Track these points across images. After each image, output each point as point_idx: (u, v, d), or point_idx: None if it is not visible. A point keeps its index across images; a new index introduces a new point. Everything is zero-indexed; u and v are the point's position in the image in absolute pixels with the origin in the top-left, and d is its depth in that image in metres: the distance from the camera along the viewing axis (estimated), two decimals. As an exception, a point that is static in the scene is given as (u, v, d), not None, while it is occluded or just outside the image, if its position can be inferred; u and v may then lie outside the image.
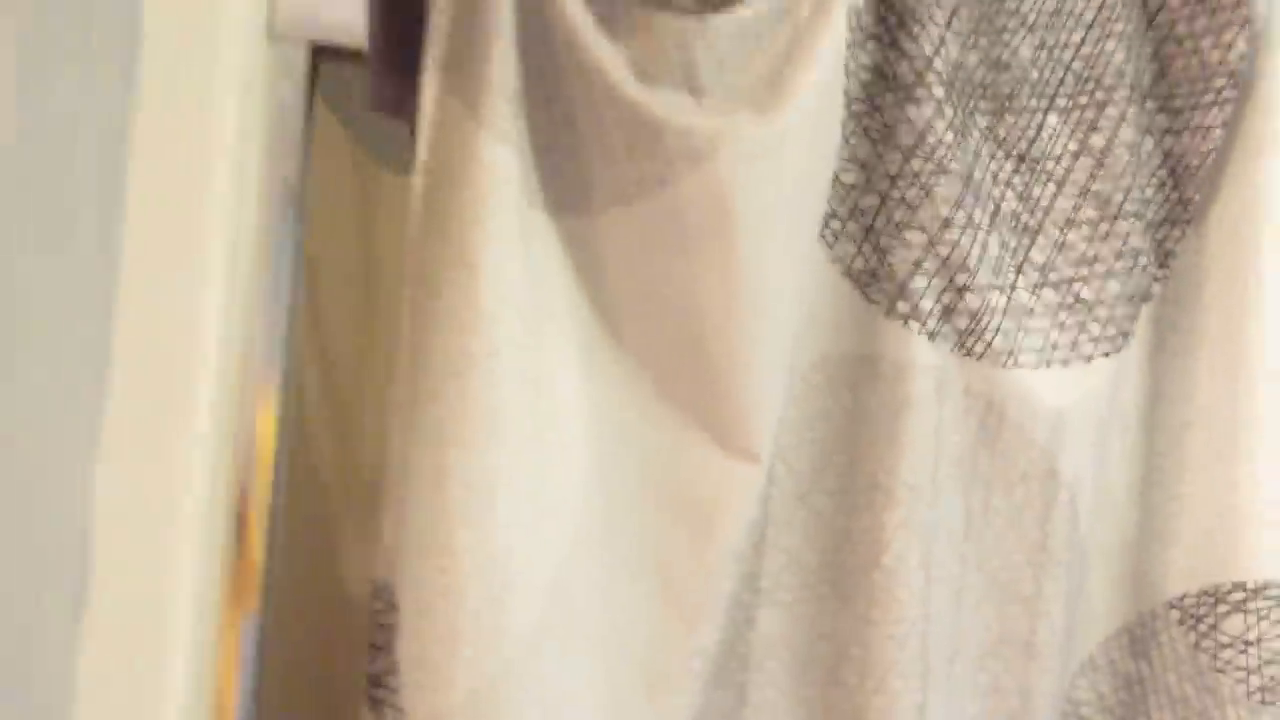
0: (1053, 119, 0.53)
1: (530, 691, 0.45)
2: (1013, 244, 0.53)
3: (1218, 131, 0.53)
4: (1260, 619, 0.52)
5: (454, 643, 0.44)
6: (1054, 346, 0.53)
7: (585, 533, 0.48)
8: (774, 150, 0.46)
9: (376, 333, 0.76)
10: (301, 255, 0.57)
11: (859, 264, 0.51)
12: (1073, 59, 0.53)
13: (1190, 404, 0.54)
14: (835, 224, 0.51)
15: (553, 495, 0.47)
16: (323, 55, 0.55)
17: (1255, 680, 0.51)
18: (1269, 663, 0.51)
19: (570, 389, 0.49)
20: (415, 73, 0.48)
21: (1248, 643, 0.51)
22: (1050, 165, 0.53)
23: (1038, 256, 0.53)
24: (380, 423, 0.59)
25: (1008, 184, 0.53)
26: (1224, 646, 0.52)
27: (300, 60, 0.53)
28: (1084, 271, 0.53)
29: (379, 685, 0.47)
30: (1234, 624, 0.52)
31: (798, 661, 0.52)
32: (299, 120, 0.54)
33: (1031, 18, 0.53)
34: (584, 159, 0.48)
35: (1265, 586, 0.51)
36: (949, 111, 0.50)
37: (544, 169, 0.48)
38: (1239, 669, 0.52)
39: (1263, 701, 0.51)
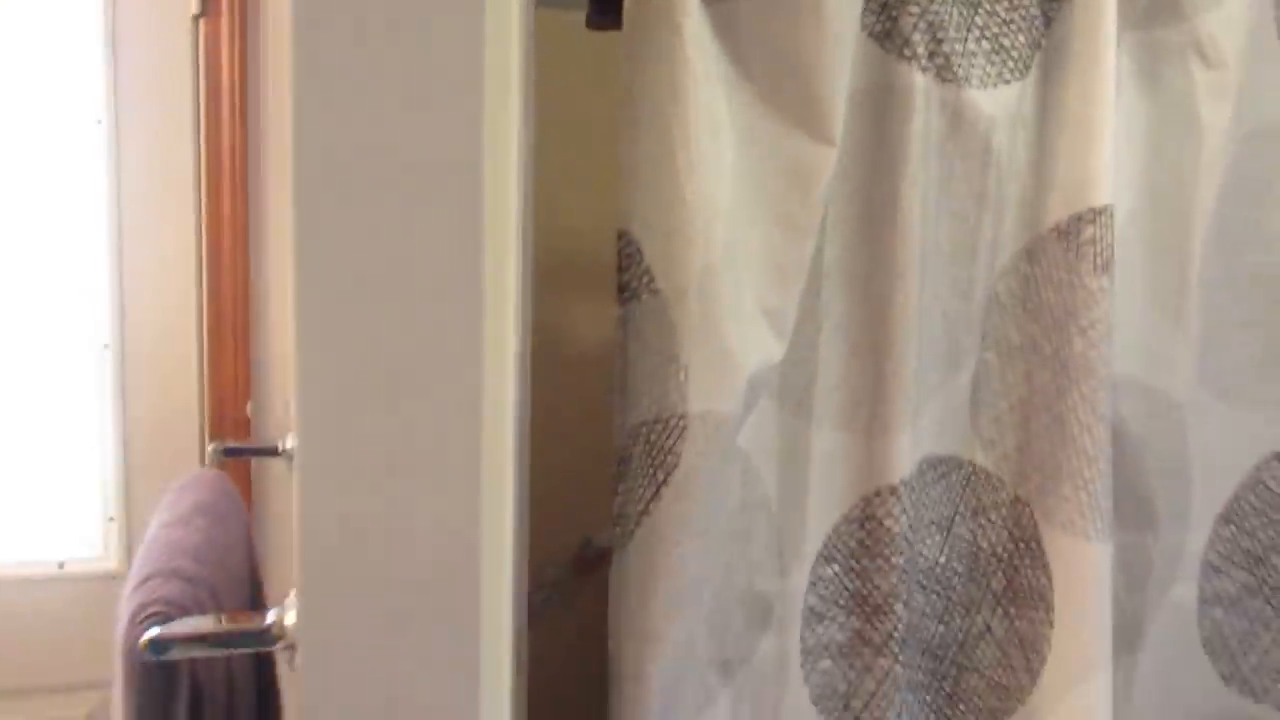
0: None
1: (727, 278, 0.80)
2: (963, 15, 0.89)
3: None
4: (1103, 228, 0.91)
5: (687, 251, 0.78)
6: (987, 75, 0.90)
7: (735, 188, 0.83)
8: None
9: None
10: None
11: (879, 28, 0.86)
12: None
13: (1064, 109, 0.92)
14: (867, 4, 0.85)
15: (720, 170, 0.81)
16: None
17: (1099, 260, 0.91)
18: (1108, 248, 0.90)
19: (720, 108, 0.82)
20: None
21: (1096, 240, 0.91)
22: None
23: (978, 20, 0.89)
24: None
25: (959, -23, 0.89)
26: (1082, 244, 0.91)
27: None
28: (1003, 29, 0.90)
29: (626, 289, 0.81)
30: (1088, 231, 0.91)
31: (848, 278, 0.89)
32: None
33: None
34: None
35: (1105, 209, 0.91)
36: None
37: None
38: (1090, 256, 0.91)
39: (1104, 269, 0.91)
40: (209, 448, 1.20)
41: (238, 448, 1.25)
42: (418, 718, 0.70)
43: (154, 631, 0.66)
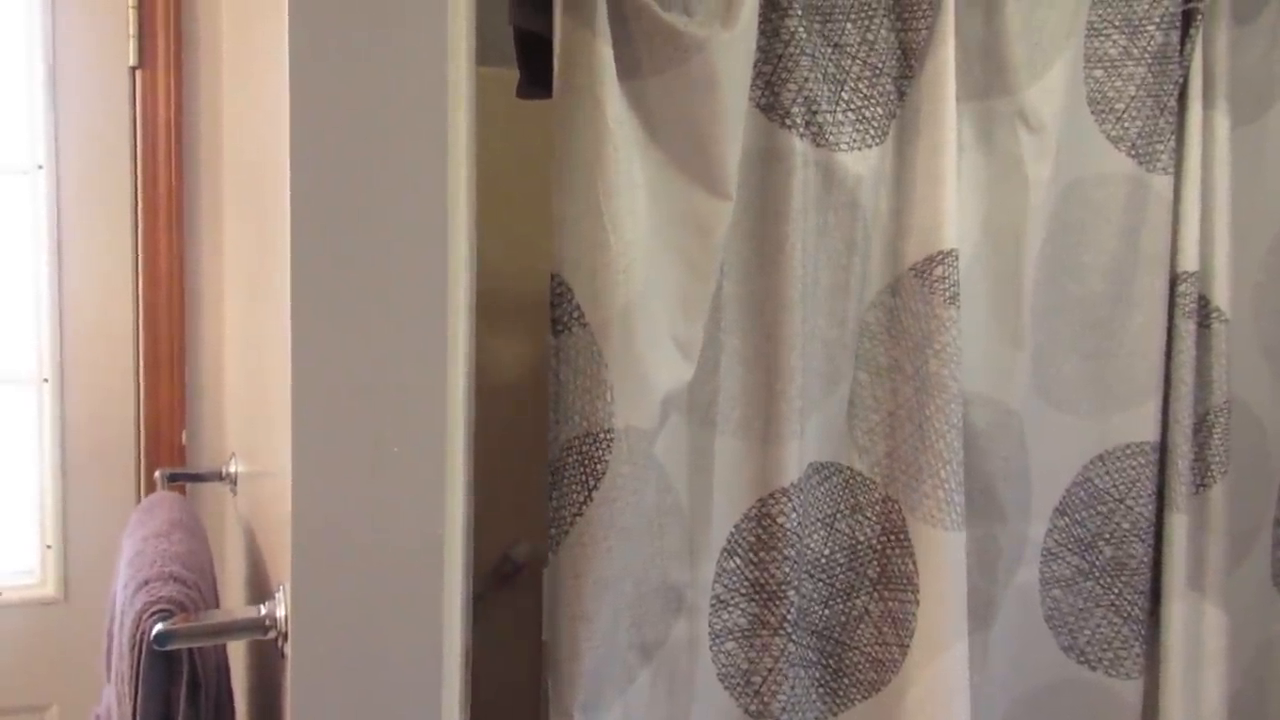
0: (850, 27, 1.06)
1: (644, 312, 0.95)
2: (832, 91, 1.06)
3: (924, 31, 1.08)
4: (950, 267, 1.08)
5: (611, 290, 0.93)
6: (854, 140, 1.07)
7: (648, 237, 0.97)
8: (733, 44, 0.96)
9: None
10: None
11: (764, 101, 1.02)
12: (857, -7, 1.06)
13: (916, 169, 1.09)
14: (755, 82, 1.02)
15: (637, 220, 0.96)
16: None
17: (948, 294, 1.08)
18: (955, 284, 1.08)
19: (636, 169, 0.97)
20: (547, 7, 0.93)
21: (944, 277, 1.08)
22: (850, 50, 1.06)
23: (844, 96, 1.06)
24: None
25: (829, 60, 1.06)
26: (935, 280, 1.09)
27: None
28: (865, 103, 1.07)
29: (559, 323, 0.95)
30: (939, 270, 1.08)
31: (744, 310, 1.05)
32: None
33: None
34: (638, 51, 0.95)
35: (951, 251, 1.08)
36: (803, 23, 1.01)
37: (619, 57, 0.95)
38: (941, 290, 1.09)
39: (952, 301, 1.08)
40: (157, 474, 1.28)
41: (182, 473, 1.34)
42: (391, 691, 0.81)
43: (160, 626, 0.76)
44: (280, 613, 0.79)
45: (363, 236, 0.77)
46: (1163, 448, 1.23)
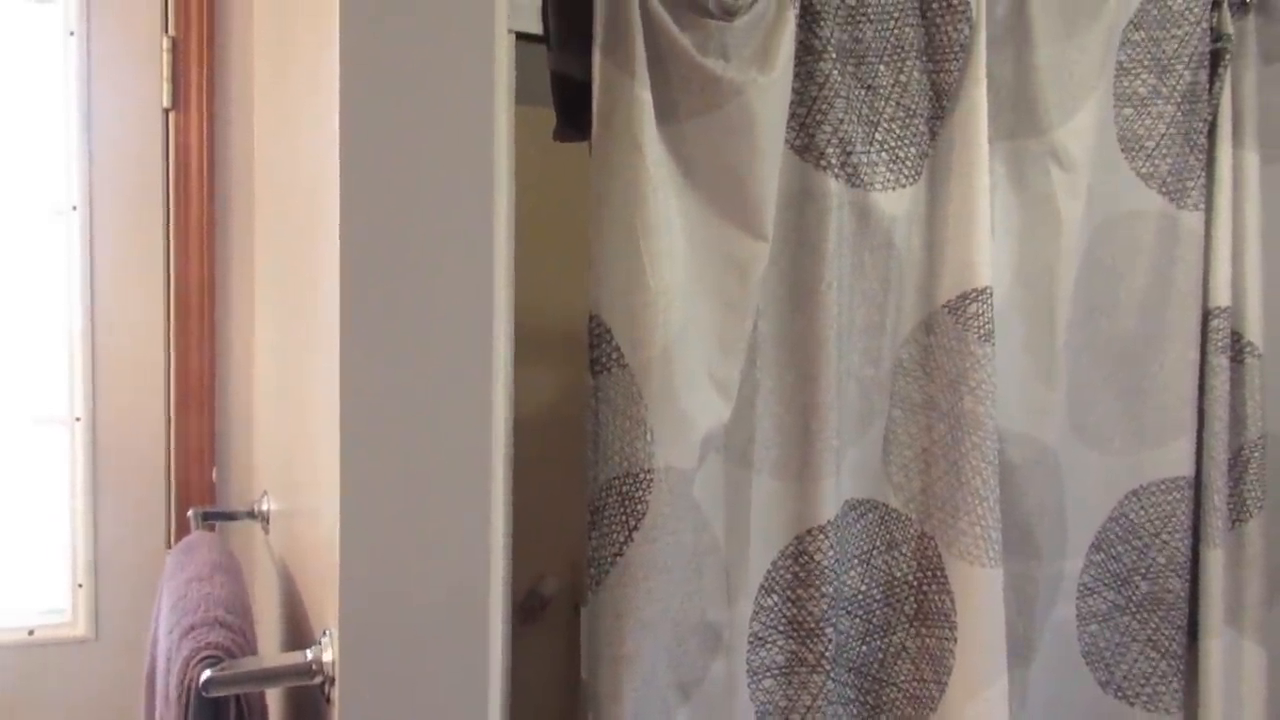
0: (883, 69, 1.07)
1: (682, 352, 0.95)
2: (866, 132, 1.07)
3: (956, 72, 1.08)
4: (984, 305, 1.09)
5: (650, 331, 0.93)
6: (888, 180, 1.08)
7: (686, 277, 0.98)
8: (770, 88, 0.97)
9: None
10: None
11: (799, 142, 1.03)
12: (890, 33, 1.07)
13: (949, 207, 1.10)
14: (790, 124, 1.02)
15: (674, 262, 0.97)
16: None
17: (982, 331, 1.09)
18: (989, 321, 1.08)
19: (674, 211, 0.98)
20: (584, 51, 0.94)
21: (978, 315, 1.09)
22: (883, 92, 1.07)
23: (878, 136, 1.07)
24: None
25: (863, 102, 1.07)
26: (968, 318, 1.09)
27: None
28: (899, 143, 1.08)
29: (597, 363, 0.95)
30: (973, 308, 1.09)
31: (779, 349, 1.05)
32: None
33: (873, 13, 1.06)
34: (676, 95, 0.96)
35: (985, 289, 1.09)
36: (837, 66, 1.02)
37: (657, 101, 0.96)
38: (975, 328, 1.09)
39: (986, 339, 1.08)
40: (190, 513, 1.29)
41: (215, 512, 1.34)
42: (437, 737, 0.81)
43: (209, 673, 0.76)
44: (326, 658, 0.79)
45: (410, 278, 0.78)
46: (1198, 483, 1.23)
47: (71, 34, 1.40)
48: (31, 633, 1.42)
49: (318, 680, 0.79)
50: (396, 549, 0.79)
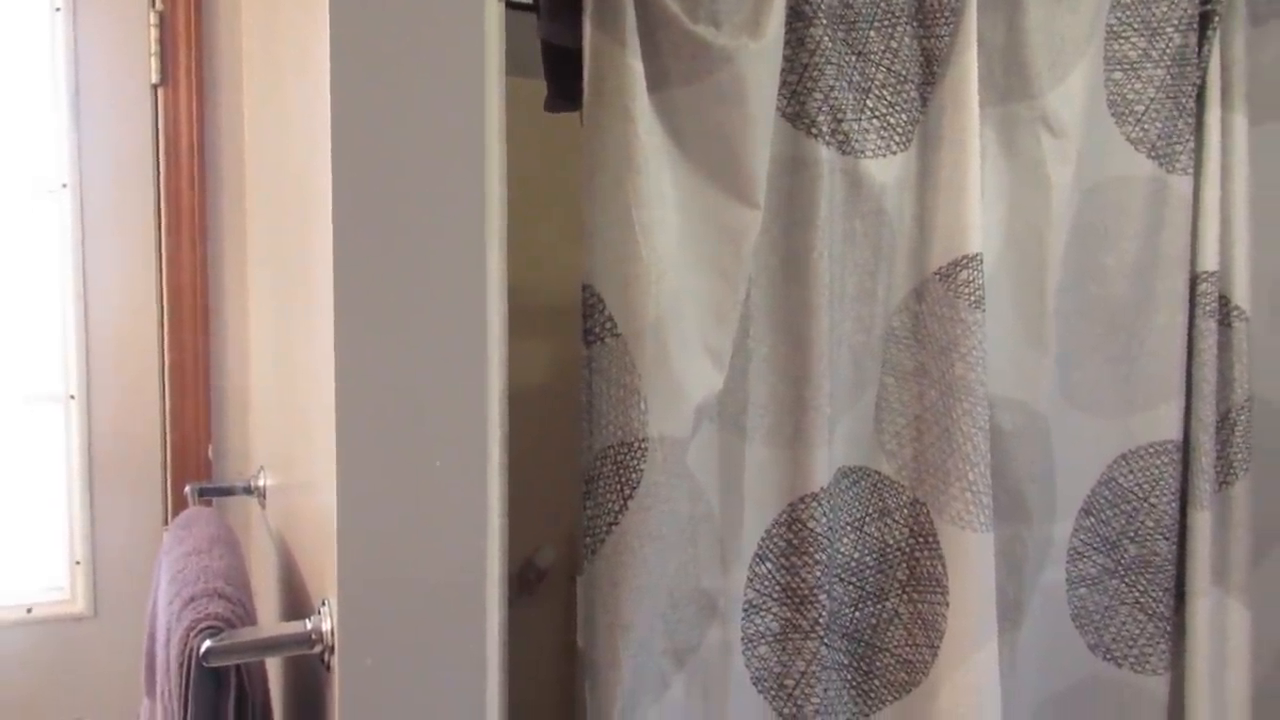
0: (874, 35, 1.07)
1: (676, 321, 0.96)
2: (857, 99, 1.07)
3: (946, 37, 1.08)
4: (975, 271, 1.09)
5: (643, 300, 0.93)
6: (878, 148, 1.08)
7: (679, 246, 0.98)
8: (761, 55, 0.97)
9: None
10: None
11: (790, 110, 1.03)
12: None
13: (940, 174, 1.10)
14: (781, 91, 1.02)
15: (667, 231, 0.97)
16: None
17: (973, 298, 1.09)
18: (980, 288, 1.09)
19: (666, 180, 0.98)
20: (575, 20, 0.94)
21: (969, 281, 1.09)
22: (874, 58, 1.07)
23: (869, 103, 1.07)
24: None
25: (854, 68, 1.07)
26: (959, 285, 1.09)
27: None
28: (889, 110, 1.08)
29: (590, 334, 0.96)
30: (963, 274, 1.09)
31: (772, 318, 1.06)
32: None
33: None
34: (667, 63, 0.96)
35: (976, 256, 1.09)
36: (827, 32, 1.02)
37: (648, 69, 0.96)
38: (966, 295, 1.10)
39: (977, 305, 1.09)
40: (187, 489, 1.29)
41: (211, 487, 1.35)
42: (436, 701, 0.82)
43: (209, 642, 0.77)
44: (326, 626, 0.80)
45: (404, 252, 0.78)
46: (1186, 446, 1.24)
47: (58, 10, 1.39)
48: (30, 610, 1.43)
49: (318, 649, 0.80)
50: (393, 519, 0.80)
